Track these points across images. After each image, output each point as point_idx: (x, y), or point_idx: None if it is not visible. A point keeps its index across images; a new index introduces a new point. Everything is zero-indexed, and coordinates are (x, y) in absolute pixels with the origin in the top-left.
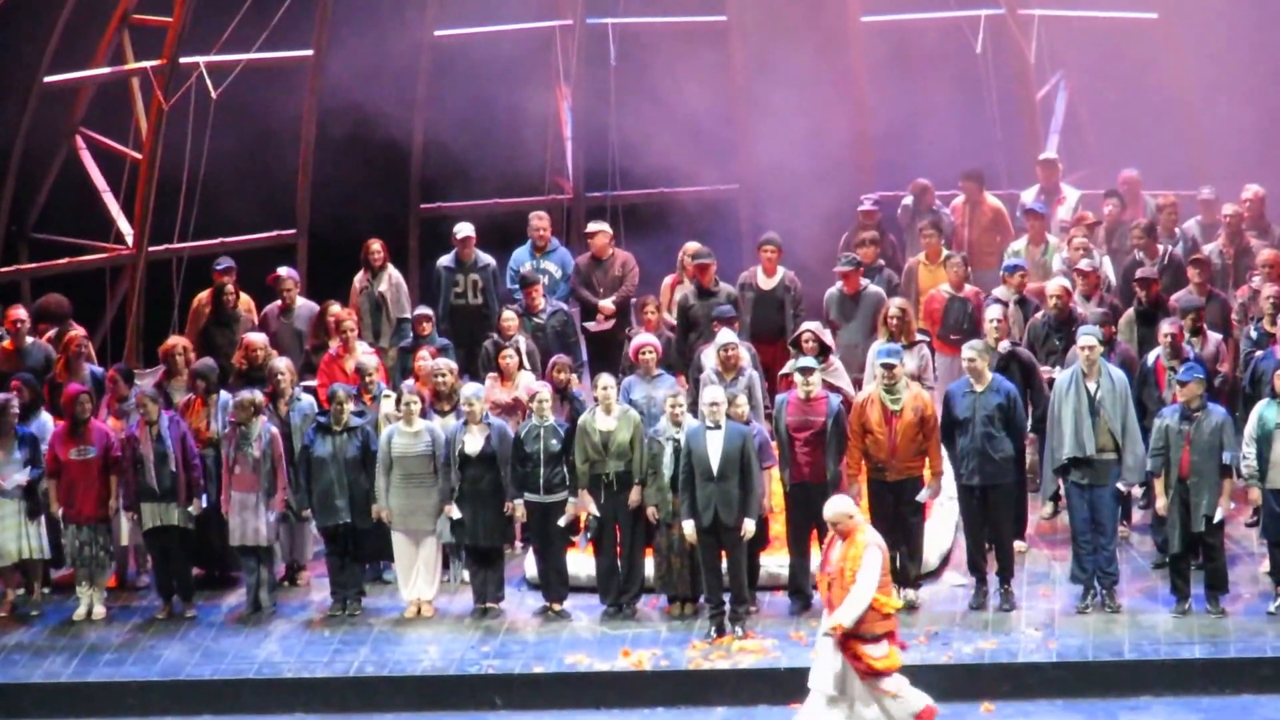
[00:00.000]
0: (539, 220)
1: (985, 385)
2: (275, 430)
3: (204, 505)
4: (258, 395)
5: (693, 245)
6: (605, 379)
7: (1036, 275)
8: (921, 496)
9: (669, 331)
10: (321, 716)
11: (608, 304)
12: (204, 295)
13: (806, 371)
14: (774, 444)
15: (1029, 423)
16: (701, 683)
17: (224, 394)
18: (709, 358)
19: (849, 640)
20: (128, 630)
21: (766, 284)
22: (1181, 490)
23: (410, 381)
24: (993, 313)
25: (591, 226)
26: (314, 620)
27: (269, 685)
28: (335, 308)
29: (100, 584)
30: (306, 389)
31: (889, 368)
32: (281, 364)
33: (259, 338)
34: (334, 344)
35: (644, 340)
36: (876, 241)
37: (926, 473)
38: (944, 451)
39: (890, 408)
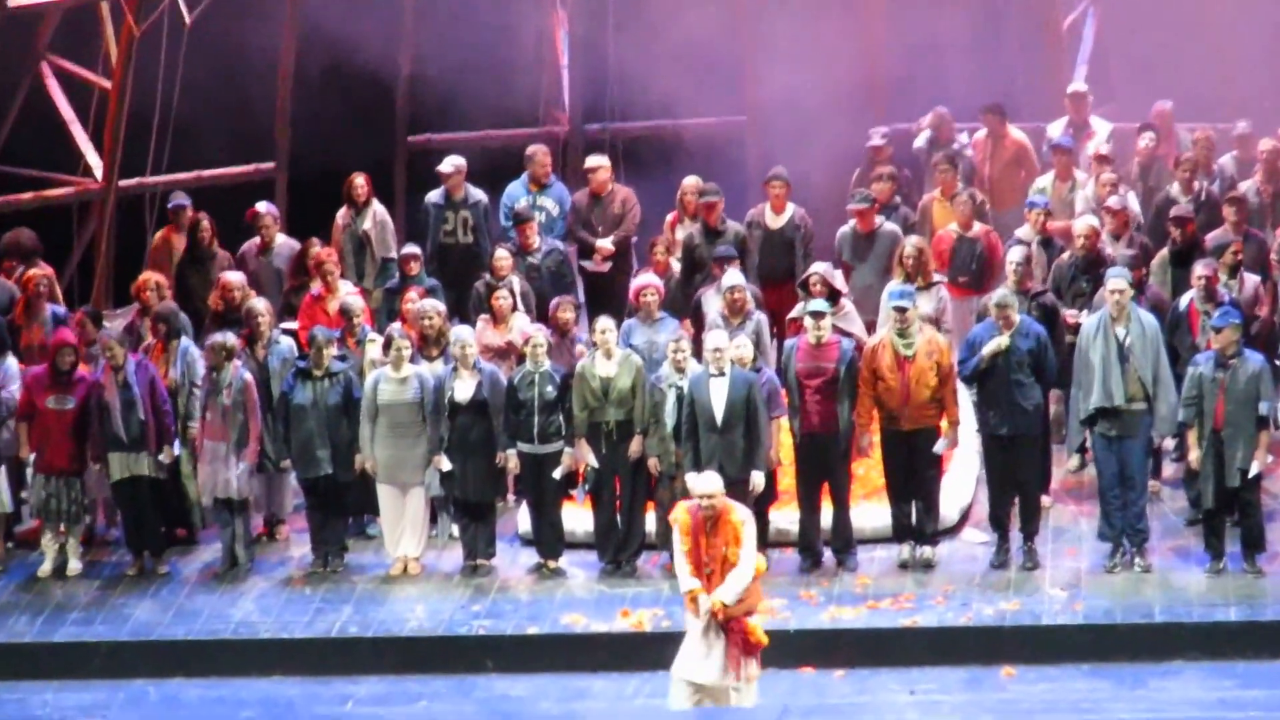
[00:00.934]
0: (542, 154)
1: (1014, 329)
2: (249, 377)
3: (176, 453)
4: (230, 338)
5: (691, 181)
6: (604, 322)
7: (1062, 214)
8: (938, 448)
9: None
10: (301, 679)
11: (606, 244)
12: (161, 234)
13: (817, 315)
14: (783, 392)
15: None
16: None
17: (184, 340)
18: (713, 301)
19: (734, 619)
20: (96, 588)
21: (775, 222)
22: (1216, 442)
23: (398, 324)
24: (1014, 255)
25: (591, 161)
26: (293, 578)
27: (245, 646)
28: (316, 246)
29: (75, 538)
30: (286, 332)
31: (901, 310)
32: (259, 305)
33: (236, 277)
34: (315, 285)
35: (645, 281)
36: (892, 177)
37: (943, 423)
38: (966, 399)
39: (902, 353)
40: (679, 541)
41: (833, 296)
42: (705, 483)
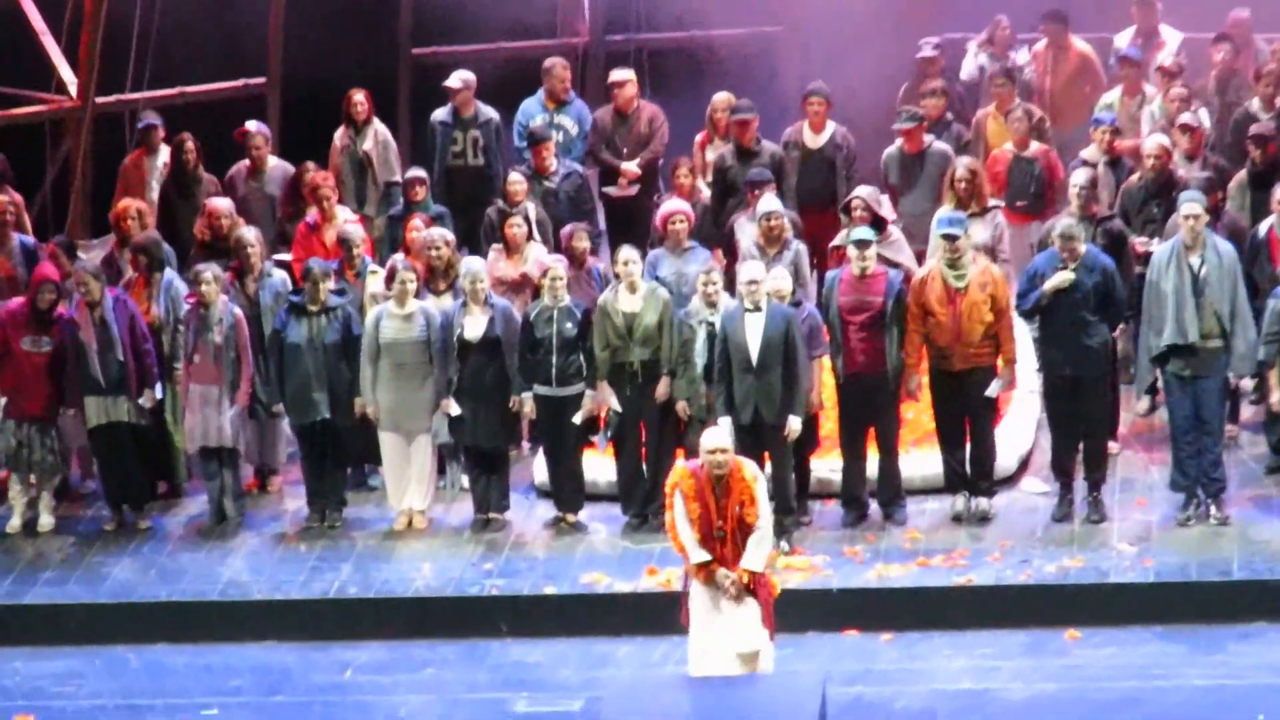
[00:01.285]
0: (560, 68)
1: (1079, 260)
2: (239, 312)
3: (159, 397)
4: (217, 270)
5: (722, 97)
6: (628, 252)
7: (1130, 132)
8: (992, 390)
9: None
10: (296, 645)
11: (632, 166)
12: (131, 158)
13: (862, 244)
14: (825, 329)
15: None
16: None
17: (168, 273)
18: (747, 229)
19: (766, 579)
20: (71, 545)
21: (814, 142)
22: None
23: (402, 255)
24: (1078, 177)
25: (616, 75)
26: (287, 534)
27: (235, 609)
28: (312, 170)
29: (48, 490)
30: (279, 264)
31: (950, 239)
32: (250, 234)
33: (223, 204)
34: (311, 212)
35: (674, 208)
36: (944, 92)
37: (999, 362)
38: (1025, 336)
39: (953, 285)
40: (682, 509)
41: (878, 223)
42: (715, 436)
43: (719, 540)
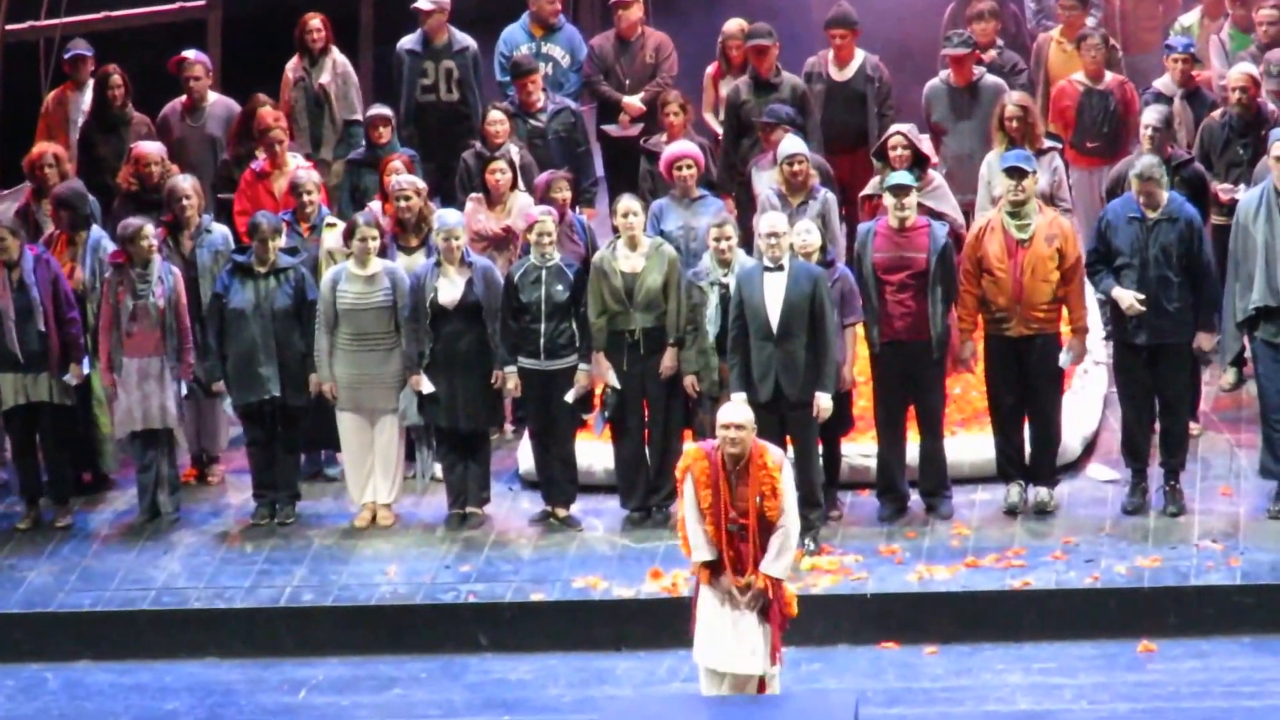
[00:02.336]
0: None
1: (1160, 210)
2: (178, 272)
3: (85, 372)
4: (148, 226)
5: (736, 24)
6: (629, 202)
7: (1211, 61)
8: (1062, 361)
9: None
10: (242, 661)
11: (635, 101)
12: (55, 94)
13: (900, 191)
14: (858, 291)
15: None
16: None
17: (95, 230)
18: (767, 174)
19: (781, 587)
20: None
21: (840, 74)
22: None
23: (375, 206)
24: (1151, 114)
25: None
26: (231, 532)
27: (170, 619)
28: (263, 106)
29: None
30: (220, 215)
31: (1017, 175)
32: (185, 183)
33: (153, 148)
34: (258, 156)
35: (681, 150)
36: (995, 14)
37: (1064, 328)
38: (1091, 298)
39: (1016, 236)
40: (692, 497)
41: (920, 166)
42: (732, 411)
43: (736, 536)
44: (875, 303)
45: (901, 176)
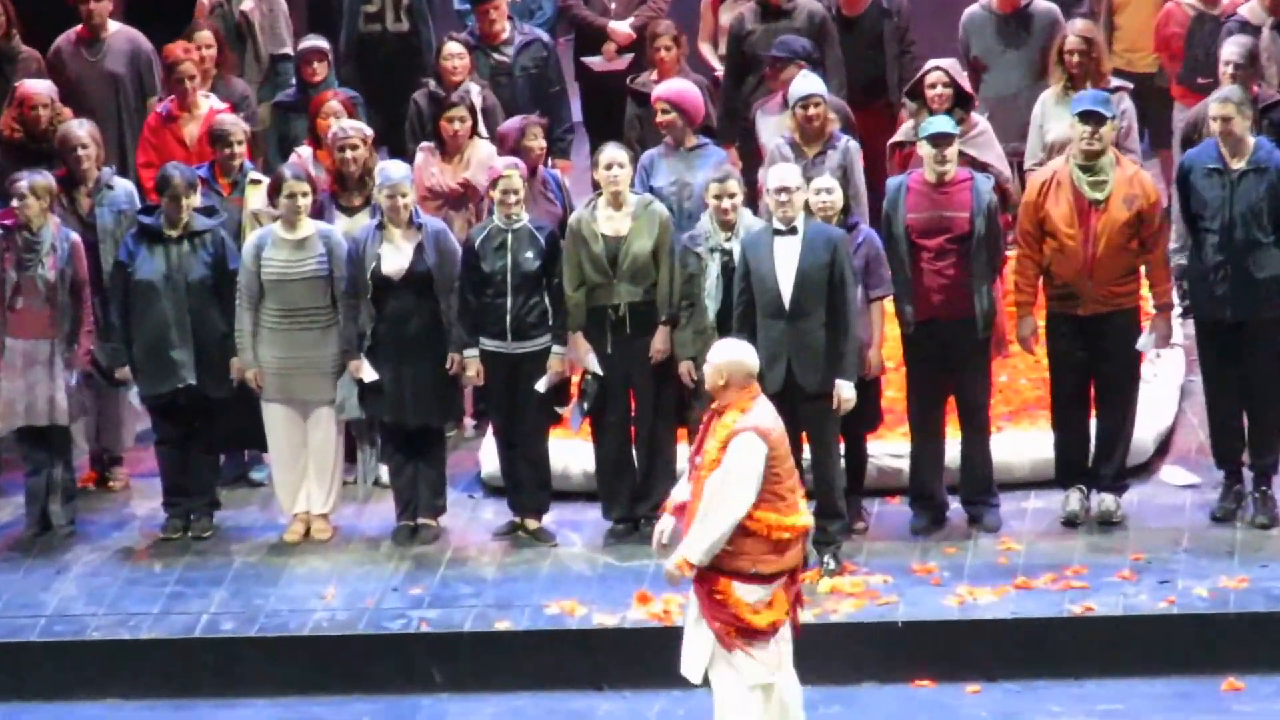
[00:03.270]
0: None
1: (1246, 159)
2: (76, 238)
3: None
4: (51, 180)
5: None
6: (613, 152)
7: None
8: (1142, 345)
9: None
10: (149, 703)
11: (623, 27)
12: None
13: (941, 141)
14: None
15: None
16: None
17: None
18: (775, 119)
19: (708, 577)
20: None
21: (849, 9)
22: None
23: (306, 152)
24: (1233, 47)
25: None
26: (137, 548)
27: (64, 652)
28: (185, 42)
29: None
30: (123, 172)
31: (1094, 121)
32: (80, 130)
33: (41, 87)
34: (165, 98)
35: (673, 91)
36: None
37: (1146, 304)
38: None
39: (1089, 196)
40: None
41: (962, 106)
42: (716, 354)
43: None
44: (908, 273)
45: (941, 123)
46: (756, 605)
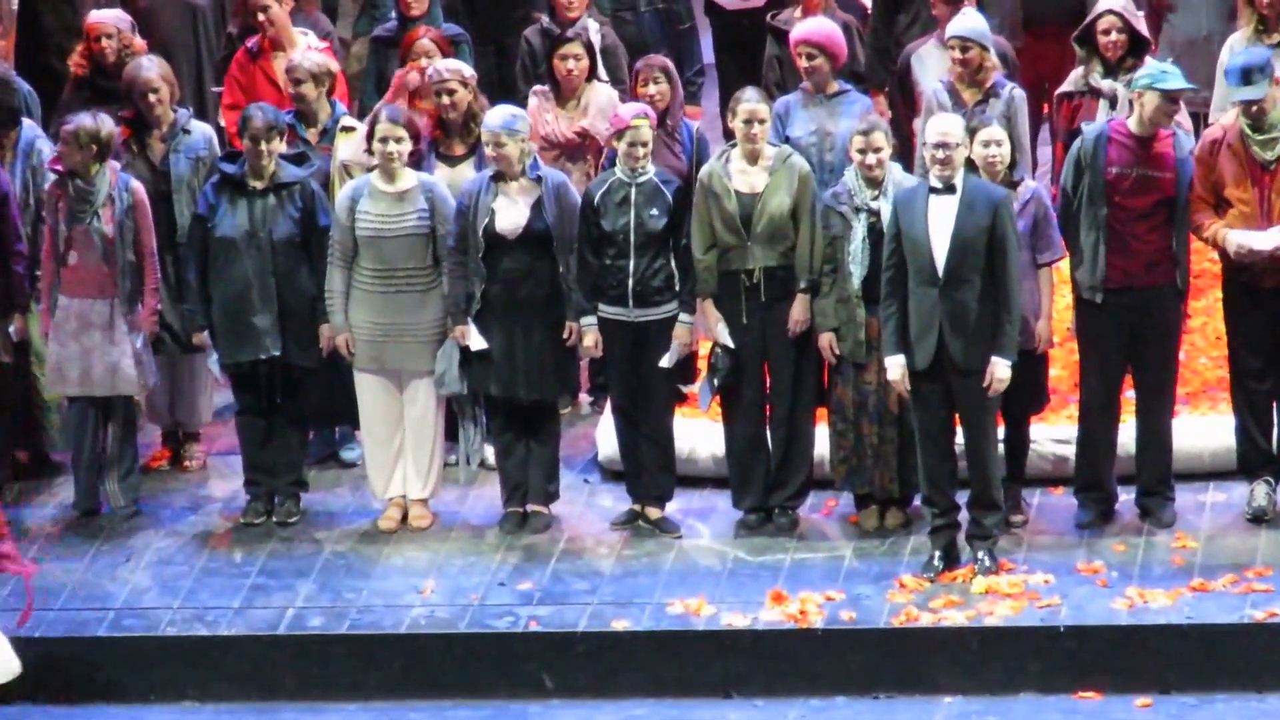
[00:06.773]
0: None
1: None
2: (139, 187)
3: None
4: (105, 125)
5: None
6: (750, 100)
7: None
8: None
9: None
10: (230, 707)
11: None
12: None
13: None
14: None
15: None
16: (915, 651)
17: (29, 127)
18: (932, 61)
19: None
20: None
21: None
22: None
23: (397, 104)
24: None
25: None
26: (215, 534)
27: (134, 650)
28: None
29: None
30: (201, 114)
31: (1255, 76)
32: (151, 70)
33: (110, 17)
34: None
35: (812, 31)
36: None
37: None
38: None
39: (1261, 156)
40: None
41: (1135, 54)
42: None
43: None
44: (1103, 235)
45: (1179, 78)
46: None
